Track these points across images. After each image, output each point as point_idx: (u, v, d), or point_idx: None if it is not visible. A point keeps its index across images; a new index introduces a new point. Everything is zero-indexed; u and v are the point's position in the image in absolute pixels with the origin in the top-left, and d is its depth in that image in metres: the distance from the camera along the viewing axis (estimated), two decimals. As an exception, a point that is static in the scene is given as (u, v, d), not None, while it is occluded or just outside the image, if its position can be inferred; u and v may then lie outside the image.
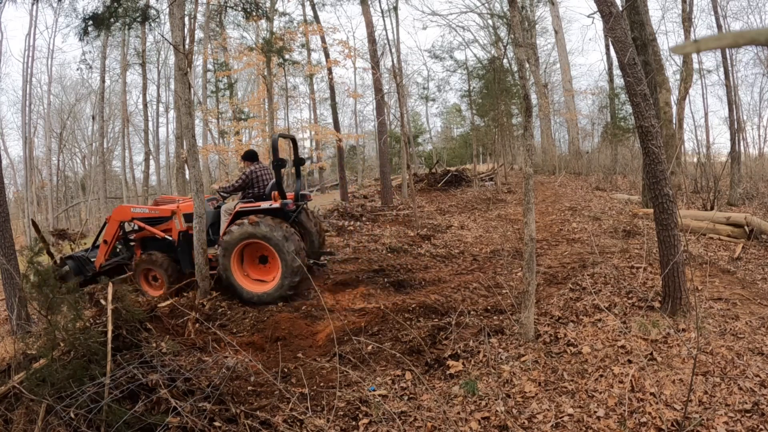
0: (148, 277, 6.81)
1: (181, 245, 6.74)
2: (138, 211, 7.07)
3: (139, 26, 13.26)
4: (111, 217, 7.11)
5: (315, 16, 16.56)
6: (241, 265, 6.36)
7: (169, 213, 6.82)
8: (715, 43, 0.72)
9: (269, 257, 6.35)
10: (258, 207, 6.32)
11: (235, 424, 3.18)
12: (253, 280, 6.37)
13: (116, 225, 7.01)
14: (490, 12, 21.12)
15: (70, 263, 6.95)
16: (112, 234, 7.02)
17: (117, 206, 8.06)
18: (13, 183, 29.21)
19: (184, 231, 6.72)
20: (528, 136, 4.59)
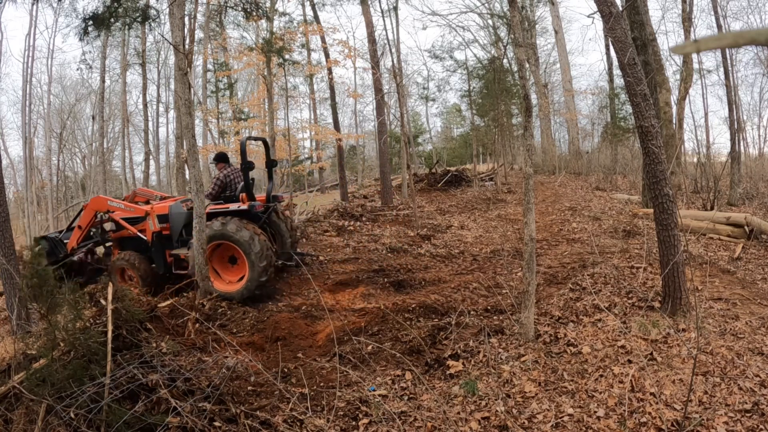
0: (125, 275, 6.93)
1: (155, 245, 6.87)
2: (114, 204, 7.17)
3: (139, 26, 13.27)
4: (88, 205, 7.26)
5: (315, 16, 16.56)
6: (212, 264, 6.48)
7: (143, 213, 6.96)
8: (715, 43, 0.72)
9: (238, 258, 6.48)
10: (227, 209, 6.51)
11: (235, 424, 3.18)
12: (223, 279, 6.56)
13: (92, 213, 7.17)
14: (490, 12, 21.13)
15: (43, 243, 7.04)
16: (87, 222, 7.17)
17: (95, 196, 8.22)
18: (13, 183, 29.22)
19: (158, 232, 6.87)
20: (528, 136, 4.59)
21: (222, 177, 6.97)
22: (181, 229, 7.01)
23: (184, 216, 7.00)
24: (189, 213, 7.06)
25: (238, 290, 6.22)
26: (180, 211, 7.05)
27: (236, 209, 6.48)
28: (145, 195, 8.04)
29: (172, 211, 7.02)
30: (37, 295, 3.34)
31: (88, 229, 7.36)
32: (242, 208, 6.47)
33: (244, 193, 6.65)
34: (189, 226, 7.06)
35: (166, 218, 6.97)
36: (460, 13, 27.62)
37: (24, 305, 5.05)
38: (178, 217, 7.02)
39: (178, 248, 6.94)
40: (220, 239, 6.26)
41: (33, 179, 24.31)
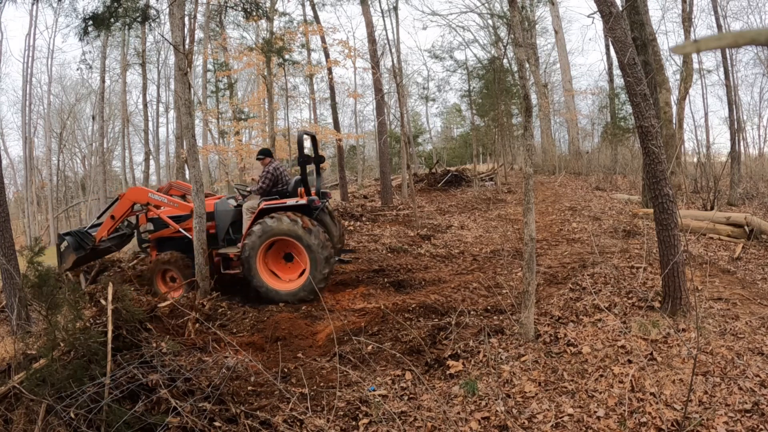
0: (165, 277, 6.63)
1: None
2: (157, 198, 6.78)
3: (139, 26, 13.27)
4: (125, 195, 6.90)
5: (315, 16, 16.56)
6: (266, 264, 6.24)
7: (189, 210, 6.59)
8: (715, 43, 0.72)
9: (294, 254, 6.27)
10: (283, 204, 6.22)
11: (235, 424, 3.18)
12: (281, 279, 6.28)
13: (128, 204, 6.82)
14: (490, 12, 21.12)
15: (68, 239, 6.81)
16: (122, 212, 6.84)
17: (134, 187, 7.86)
18: (13, 183, 29.23)
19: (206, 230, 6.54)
20: (528, 136, 4.59)
21: (271, 170, 6.62)
22: (227, 228, 6.75)
23: (231, 214, 6.77)
24: (236, 211, 6.84)
25: (300, 287, 6.03)
26: (226, 208, 6.79)
27: (294, 204, 6.22)
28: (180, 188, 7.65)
29: (218, 209, 6.76)
30: (37, 295, 3.34)
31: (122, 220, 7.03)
32: (301, 202, 6.22)
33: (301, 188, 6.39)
34: (236, 224, 6.84)
35: (211, 216, 6.67)
36: (460, 13, 27.63)
37: (24, 305, 5.05)
38: (225, 215, 6.76)
39: (225, 247, 6.68)
40: (279, 236, 6.03)
41: (33, 179, 24.31)
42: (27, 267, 3.44)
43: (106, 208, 7.43)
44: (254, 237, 6.06)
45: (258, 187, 6.60)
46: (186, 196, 7.39)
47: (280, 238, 6.07)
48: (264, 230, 6.00)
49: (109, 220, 6.88)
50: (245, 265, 6.11)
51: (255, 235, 6.05)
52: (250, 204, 6.56)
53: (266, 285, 6.10)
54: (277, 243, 6.19)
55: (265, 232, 6.01)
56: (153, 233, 6.97)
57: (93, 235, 6.89)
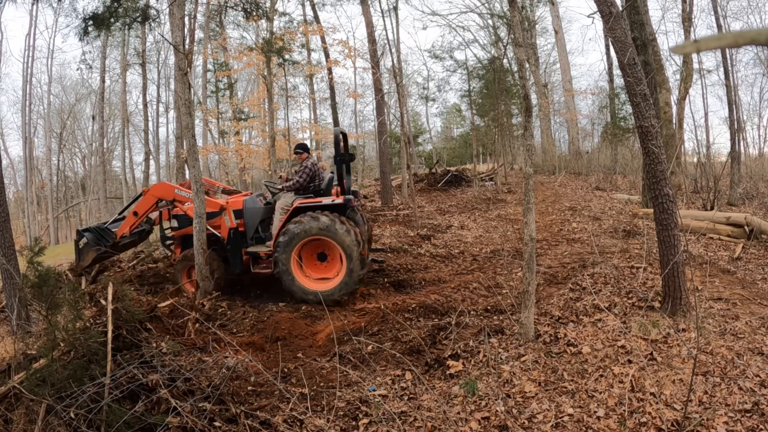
0: (191, 275, 6.47)
1: (232, 243, 6.41)
2: (183, 195, 6.58)
3: (139, 26, 13.27)
4: (149, 191, 6.75)
5: (315, 16, 16.57)
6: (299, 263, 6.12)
7: (218, 208, 6.45)
8: (715, 43, 0.72)
9: (329, 254, 6.17)
10: (319, 203, 6.09)
11: (235, 424, 3.18)
12: (313, 279, 6.17)
13: (153, 201, 6.65)
14: (490, 12, 21.12)
15: (88, 236, 6.64)
16: (146, 208, 6.68)
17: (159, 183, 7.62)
18: (13, 183, 29.24)
19: (235, 228, 6.43)
20: (528, 136, 4.59)
21: (309, 165, 6.45)
22: (256, 226, 6.60)
23: (261, 211, 6.62)
24: (266, 208, 6.71)
25: (337, 286, 5.92)
26: (256, 206, 6.64)
27: (330, 203, 6.07)
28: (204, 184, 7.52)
29: (246, 206, 6.59)
30: (37, 295, 3.34)
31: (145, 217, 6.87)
32: (337, 202, 6.06)
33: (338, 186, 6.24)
34: (265, 222, 6.71)
35: (240, 213, 6.51)
36: (460, 13, 27.63)
37: (24, 305, 5.05)
38: (254, 212, 6.61)
39: (254, 246, 6.56)
40: (316, 235, 5.90)
41: (33, 179, 24.32)
42: (27, 267, 3.44)
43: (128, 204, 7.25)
44: (290, 236, 5.90)
45: (295, 181, 6.44)
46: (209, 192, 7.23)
47: (315, 237, 5.94)
48: (301, 229, 5.87)
49: (132, 216, 6.71)
50: (279, 264, 5.96)
51: (291, 234, 5.90)
52: (283, 202, 6.40)
53: (301, 285, 5.97)
54: (312, 242, 6.06)
55: (302, 232, 5.87)
56: (177, 230, 6.77)
57: (113, 231, 6.73)
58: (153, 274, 7.67)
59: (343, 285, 5.91)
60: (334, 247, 5.99)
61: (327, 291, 5.88)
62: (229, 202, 6.51)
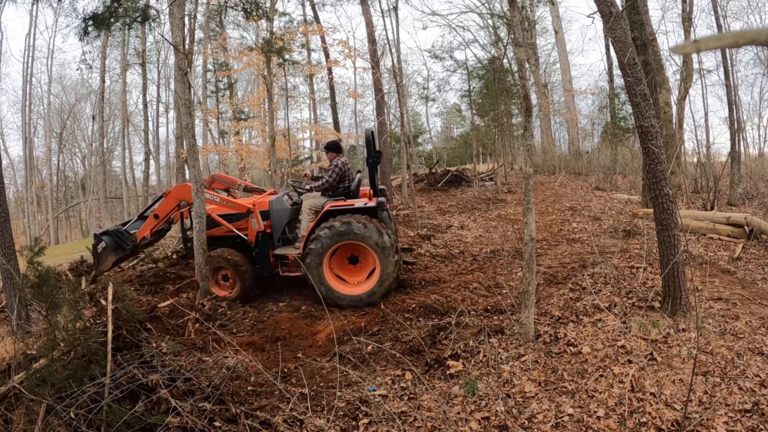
0: (218, 276, 6.36)
1: (259, 246, 6.27)
2: (207, 196, 6.40)
3: (139, 26, 13.27)
4: (170, 193, 6.57)
5: (315, 16, 16.58)
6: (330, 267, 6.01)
7: (245, 210, 6.29)
8: (715, 43, 0.72)
9: (360, 257, 6.08)
10: (351, 206, 5.97)
11: (235, 424, 3.18)
12: (349, 282, 6.08)
13: (174, 203, 6.48)
14: (490, 12, 21.12)
15: (106, 239, 6.46)
16: (167, 211, 6.51)
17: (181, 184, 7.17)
18: (13, 183, 29.24)
19: (263, 231, 6.29)
20: (528, 136, 4.59)
21: (340, 165, 6.27)
22: (284, 227, 6.46)
23: (288, 212, 6.48)
24: (293, 209, 6.57)
25: (370, 290, 5.81)
26: (283, 206, 6.48)
27: (363, 206, 5.95)
28: (224, 182, 7.21)
29: (273, 207, 6.41)
30: (37, 295, 3.34)
31: (166, 219, 6.70)
32: (370, 205, 5.94)
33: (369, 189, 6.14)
34: (291, 222, 6.57)
35: (267, 215, 6.35)
36: (460, 13, 27.63)
37: (24, 305, 5.05)
38: (281, 213, 6.46)
39: (281, 247, 6.44)
40: (350, 239, 5.78)
41: (33, 179, 24.32)
42: (27, 267, 3.44)
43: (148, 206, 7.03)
44: (323, 240, 5.80)
45: (324, 181, 6.29)
46: (230, 191, 7.08)
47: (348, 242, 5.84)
48: (333, 234, 5.76)
49: (152, 218, 6.54)
50: (311, 267, 5.84)
51: (324, 238, 5.79)
52: (312, 202, 6.29)
53: (333, 289, 5.87)
54: (343, 246, 5.96)
55: (335, 237, 5.76)
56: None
57: (132, 234, 6.54)
58: (153, 274, 7.66)
59: (375, 288, 5.81)
60: (366, 249, 5.89)
61: (359, 295, 5.80)
62: (256, 203, 6.35)
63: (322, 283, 5.83)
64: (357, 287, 5.98)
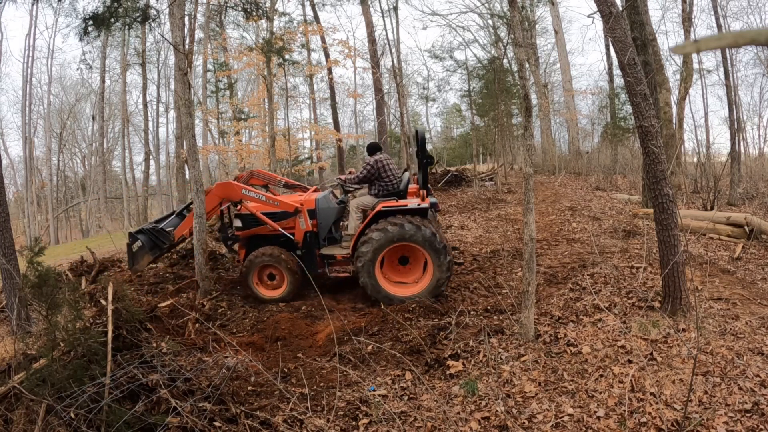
0: (263, 276, 6.25)
1: (307, 246, 6.18)
2: (252, 195, 6.23)
3: (139, 26, 13.27)
4: (211, 191, 6.39)
5: (315, 16, 16.58)
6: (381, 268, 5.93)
7: (293, 209, 6.16)
8: (715, 43, 0.72)
9: (411, 258, 6.02)
10: (404, 207, 5.89)
11: (235, 424, 3.19)
12: (400, 284, 6.01)
13: (216, 201, 6.33)
14: (490, 12, 21.12)
15: (142, 238, 6.33)
16: (209, 209, 6.34)
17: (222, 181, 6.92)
18: (13, 183, 29.25)
19: (310, 230, 6.19)
20: (528, 136, 4.59)
21: (372, 162, 6.16)
22: (330, 226, 6.37)
23: (335, 211, 6.40)
24: (340, 208, 6.50)
25: (422, 291, 5.73)
26: (330, 205, 6.40)
27: (416, 207, 5.89)
28: (263, 178, 7.05)
29: (320, 206, 6.29)
30: (37, 295, 3.34)
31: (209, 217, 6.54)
32: (423, 206, 5.88)
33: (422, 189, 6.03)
34: (337, 222, 6.50)
35: (313, 214, 6.22)
36: (460, 13, 27.62)
37: (24, 305, 5.05)
38: (328, 212, 6.35)
39: (329, 247, 6.36)
40: (404, 241, 5.69)
41: (33, 179, 24.32)
42: (27, 267, 3.44)
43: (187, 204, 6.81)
44: (375, 243, 5.70)
45: (355, 176, 6.25)
46: (269, 187, 6.98)
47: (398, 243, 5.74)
48: (387, 236, 5.67)
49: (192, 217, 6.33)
50: (362, 268, 5.74)
51: (376, 241, 5.70)
52: (360, 201, 6.25)
53: (385, 291, 5.79)
54: (395, 247, 5.84)
55: (389, 238, 5.67)
56: (242, 230, 6.40)
57: (168, 232, 6.37)
58: (153, 274, 7.67)
59: (428, 289, 5.76)
60: (418, 251, 5.83)
61: (417, 294, 5.73)
62: (304, 201, 6.23)
63: (373, 283, 5.75)
64: (409, 288, 5.90)
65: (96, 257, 8.36)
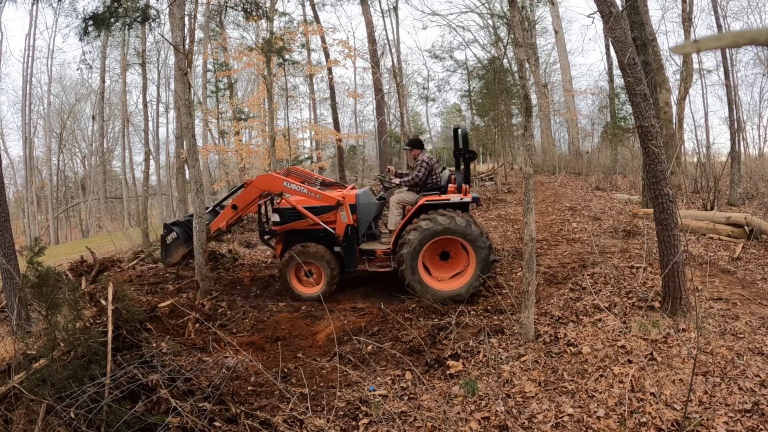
0: (300, 272, 6.22)
1: (348, 240, 6.15)
2: (293, 188, 6.18)
3: (139, 26, 13.27)
4: (253, 183, 6.30)
5: (315, 16, 16.57)
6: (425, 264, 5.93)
7: (334, 202, 6.14)
8: (715, 43, 0.72)
9: (452, 253, 5.99)
10: (447, 200, 5.91)
11: (235, 424, 3.19)
12: (440, 278, 5.99)
13: (256, 194, 6.27)
14: (490, 12, 21.11)
15: (177, 230, 6.29)
16: (246, 202, 6.27)
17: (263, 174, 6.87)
18: (13, 183, 29.24)
19: (352, 225, 6.15)
20: (528, 136, 4.59)
21: (426, 160, 6.21)
22: (370, 222, 6.36)
23: (375, 207, 6.40)
24: (380, 204, 6.50)
25: (463, 286, 5.71)
26: (370, 201, 6.39)
27: (459, 201, 5.91)
28: (300, 175, 7.05)
29: (360, 201, 6.29)
30: (37, 295, 3.34)
31: (246, 212, 6.49)
32: (465, 200, 5.91)
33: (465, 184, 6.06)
34: (378, 218, 6.52)
35: (354, 209, 6.21)
36: (460, 13, 27.63)
37: (24, 305, 5.05)
38: (368, 208, 6.35)
39: (368, 242, 6.36)
40: (448, 235, 5.68)
41: (33, 179, 24.32)
42: (27, 267, 3.44)
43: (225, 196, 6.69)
44: (420, 234, 5.68)
45: (414, 176, 6.21)
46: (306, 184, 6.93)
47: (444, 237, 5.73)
48: (433, 228, 5.65)
49: (230, 209, 6.33)
50: (405, 263, 5.72)
51: (421, 233, 5.68)
52: (400, 197, 6.24)
53: (427, 285, 5.79)
54: (437, 241, 5.83)
55: (437, 230, 5.65)
56: (279, 225, 6.33)
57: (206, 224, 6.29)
58: (153, 274, 7.67)
59: (470, 285, 5.74)
60: (462, 245, 5.82)
61: (453, 291, 5.71)
62: (345, 196, 6.22)
63: (415, 277, 5.74)
64: (450, 283, 5.90)
65: (96, 257, 8.36)
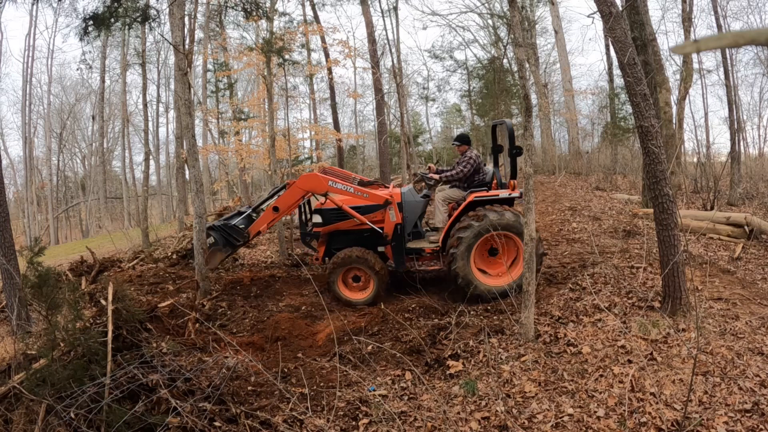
0: (347, 276, 6.03)
1: (396, 239, 5.99)
2: (339, 187, 5.96)
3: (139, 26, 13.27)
4: (297, 183, 6.02)
5: (315, 16, 16.57)
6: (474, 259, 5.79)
7: (382, 201, 5.97)
8: (715, 43, 0.72)
9: (501, 249, 5.86)
10: (496, 196, 5.82)
11: (235, 424, 3.19)
12: (490, 274, 5.86)
13: (300, 194, 6.02)
14: (490, 12, 21.11)
15: (215, 235, 6.13)
16: (289, 203, 6.03)
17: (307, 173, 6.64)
18: (13, 183, 29.22)
19: (400, 223, 6.01)
20: (528, 136, 4.59)
21: (473, 156, 6.11)
22: (415, 220, 6.26)
23: (421, 205, 6.32)
24: (425, 201, 6.41)
25: (512, 282, 5.52)
26: (416, 199, 6.28)
27: (507, 196, 5.84)
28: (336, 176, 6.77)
29: (406, 199, 6.14)
30: (37, 295, 3.34)
31: (289, 212, 6.33)
32: (514, 195, 5.84)
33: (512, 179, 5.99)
34: (422, 216, 6.45)
35: (400, 207, 6.06)
36: (460, 13, 27.57)
37: (24, 305, 5.05)
38: (414, 205, 6.23)
39: (415, 241, 6.22)
40: (501, 230, 5.56)
41: (33, 179, 24.32)
42: (27, 267, 3.44)
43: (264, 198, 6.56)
44: (473, 230, 5.55)
45: (458, 170, 6.11)
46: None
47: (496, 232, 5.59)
48: (486, 224, 5.53)
49: (271, 212, 6.05)
50: (455, 260, 5.57)
51: (474, 229, 5.55)
52: (446, 194, 6.16)
53: (477, 282, 5.64)
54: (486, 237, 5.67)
55: (491, 225, 5.53)
56: (321, 226, 6.16)
57: (242, 228, 6.12)
58: (153, 274, 7.67)
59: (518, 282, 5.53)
60: (512, 241, 5.74)
61: (506, 285, 5.53)
62: (393, 194, 6.06)
63: (467, 274, 5.62)
64: (498, 278, 5.77)
65: (96, 257, 8.37)
